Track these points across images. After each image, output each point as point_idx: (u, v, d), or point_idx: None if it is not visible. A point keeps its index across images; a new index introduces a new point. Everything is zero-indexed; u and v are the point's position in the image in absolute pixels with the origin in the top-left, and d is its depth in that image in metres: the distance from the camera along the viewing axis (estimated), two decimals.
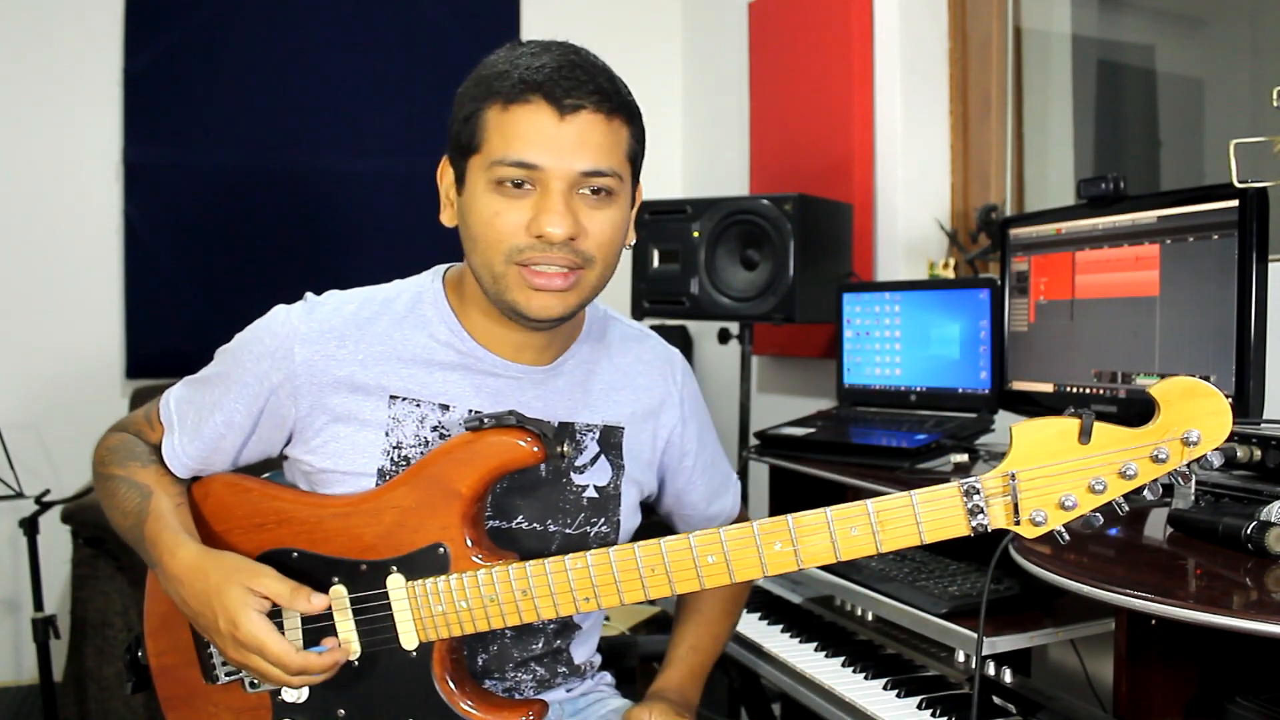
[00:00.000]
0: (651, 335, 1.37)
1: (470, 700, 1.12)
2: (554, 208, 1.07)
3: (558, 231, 1.07)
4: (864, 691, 1.48)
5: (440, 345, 1.20)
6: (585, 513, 1.24)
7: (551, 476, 1.22)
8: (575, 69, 1.08)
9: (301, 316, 1.18)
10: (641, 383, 1.31)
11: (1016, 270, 1.81)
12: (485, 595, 1.09)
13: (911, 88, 2.70)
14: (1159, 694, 1.21)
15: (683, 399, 1.34)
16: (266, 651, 1.05)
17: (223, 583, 1.07)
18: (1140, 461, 0.92)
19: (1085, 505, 0.95)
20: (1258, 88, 2.23)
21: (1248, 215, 1.38)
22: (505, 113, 1.07)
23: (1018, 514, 0.96)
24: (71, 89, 3.13)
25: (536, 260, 1.09)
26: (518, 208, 1.08)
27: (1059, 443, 0.95)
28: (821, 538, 1.00)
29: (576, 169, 1.08)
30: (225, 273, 3.25)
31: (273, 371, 1.16)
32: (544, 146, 1.06)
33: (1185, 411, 0.91)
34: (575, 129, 1.07)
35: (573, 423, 1.24)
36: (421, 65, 3.44)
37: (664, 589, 1.05)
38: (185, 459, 1.21)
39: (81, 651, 2.51)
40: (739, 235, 2.40)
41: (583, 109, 1.07)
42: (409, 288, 1.24)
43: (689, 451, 1.36)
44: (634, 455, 1.29)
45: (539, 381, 1.22)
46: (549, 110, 1.06)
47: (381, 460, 1.16)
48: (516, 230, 1.08)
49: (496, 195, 1.09)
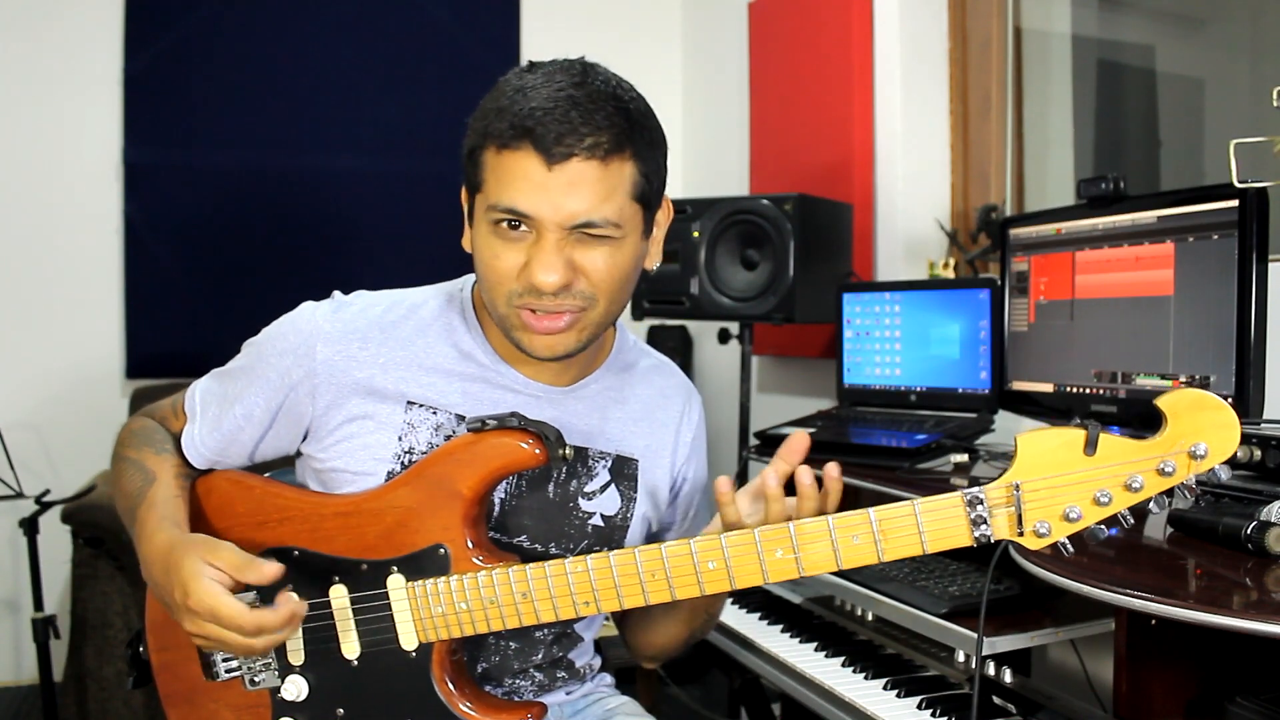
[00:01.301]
0: (677, 371, 1.36)
1: (469, 701, 1.12)
2: (544, 259, 1.05)
3: (549, 280, 1.05)
4: (864, 691, 1.48)
5: (462, 356, 1.19)
6: (589, 540, 1.23)
7: (559, 499, 1.22)
8: (573, 108, 1.03)
9: (327, 315, 1.18)
10: (660, 417, 1.30)
11: (1016, 270, 1.81)
12: (485, 597, 1.09)
13: (911, 88, 2.70)
14: (1159, 694, 1.21)
15: (694, 437, 1.34)
16: (219, 615, 1.01)
17: (181, 557, 1.04)
18: (1146, 474, 0.91)
19: (1090, 518, 0.94)
20: (1258, 88, 2.23)
21: (1248, 215, 1.38)
22: (499, 156, 1.05)
23: (1021, 525, 0.95)
24: (71, 89, 3.13)
25: (534, 305, 1.08)
26: (515, 250, 1.07)
27: (1064, 453, 0.94)
28: (823, 545, 1.00)
29: (569, 217, 1.05)
30: (225, 273, 3.25)
31: (294, 368, 1.16)
32: (533, 195, 1.04)
33: (1193, 424, 0.90)
34: (564, 178, 1.03)
35: (586, 448, 1.23)
36: (422, 65, 3.43)
37: (664, 594, 1.05)
38: (203, 449, 1.21)
39: (81, 651, 2.51)
40: (739, 235, 2.40)
41: (573, 157, 1.03)
42: (437, 295, 1.24)
43: (687, 479, 1.36)
44: (648, 489, 1.28)
45: (556, 402, 1.22)
46: (536, 159, 1.03)
47: (392, 464, 1.16)
48: (513, 273, 1.08)
49: (495, 237, 1.08)
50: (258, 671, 1.16)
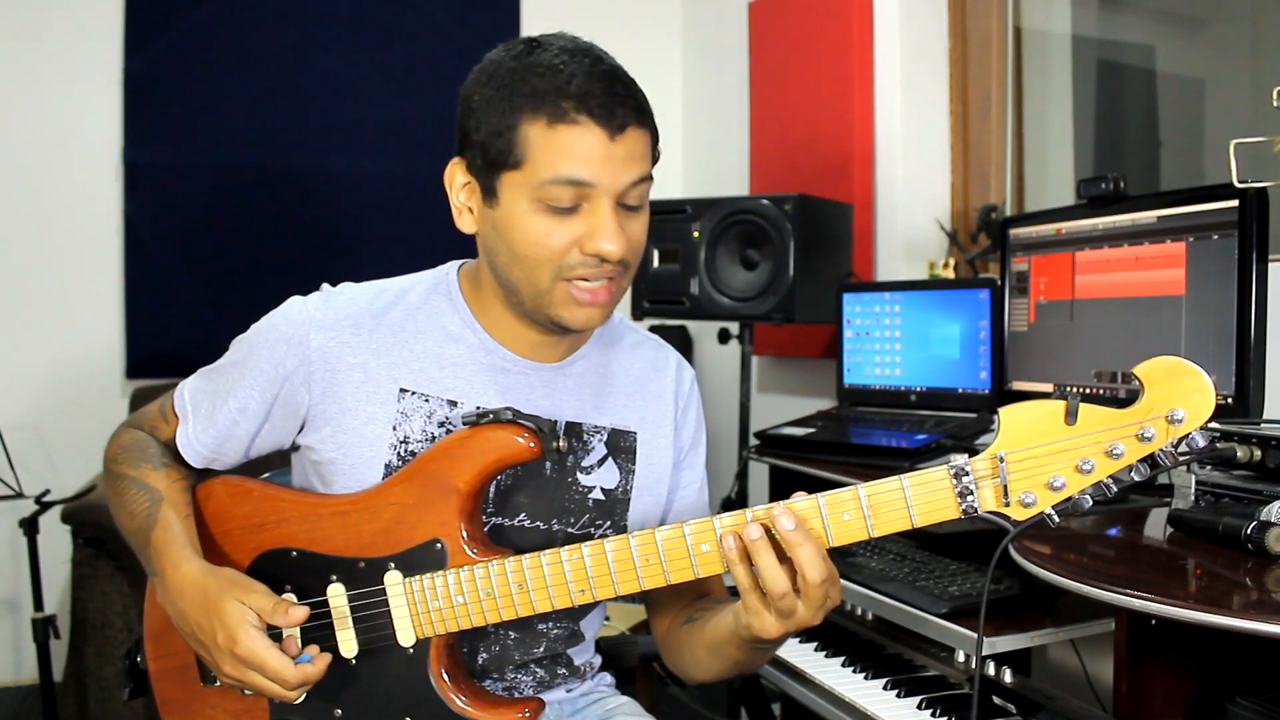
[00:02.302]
0: (664, 344, 1.37)
1: (466, 697, 1.12)
2: (608, 227, 1.08)
3: (614, 250, 1.08)
4: (864, 691, 1.48)
5: (451, 339, 1.20)
6: (590, 513, 1.24)
7: (557, 475, 1.22)
8: (615, 83, 1.08)
9: (318, 305, 1.18)
10: (653, 389, 1.31)
11: (1016, 270, 1.81)
12: (482, 590, 1.09)
13: (911, 88, 2.70)
14: (1159, 694, 1.21)
15: (688, 406, 1.35)
16: (266, 668, 1.04)
17: (220, 600, 1.06)
18: (1126, 440, 0.92)
19: (1074, 486, 0.95)
20: (1258, 88, 2.23)
21: (1248, 215, 1.38)
22: (553, 131, 1.06)
23: (1007, 496, 0.96)
24: (71, 89, 3.13)
25: (587, 275, 1.10)
26: (567, 226, 1.09)
27: (1046, 424, 0.95)
28: (814, 524, 1.00)
29: (624, 184, 1.09)
30: (225, 273, 3.25)
31: (288, 358, 1.16)
32: (599, 167, 1.06)
33: (1169, 390, 0.91)
34: (624, 147, 1.08)
35: (580, 423, 1.24)
36: (422, 64, 3.44)
37: (658, 579, 1.05)
38: (199, 447, 1.21)
39: (81, 651, 2.51)
40: (739, 235, 2.40)
41: (629, 126, 1.08)
42: (424, 280, 1.24)
43: (691, 447, 1.36)
44: (650, 460, 1.29)
45: (548, 379, 1.22)
46: (600, 131, 1.06)
47: (389, 455, 1.16)
48: (567, 248, 1.09)
49: (544, 215, 1.09)
50: None
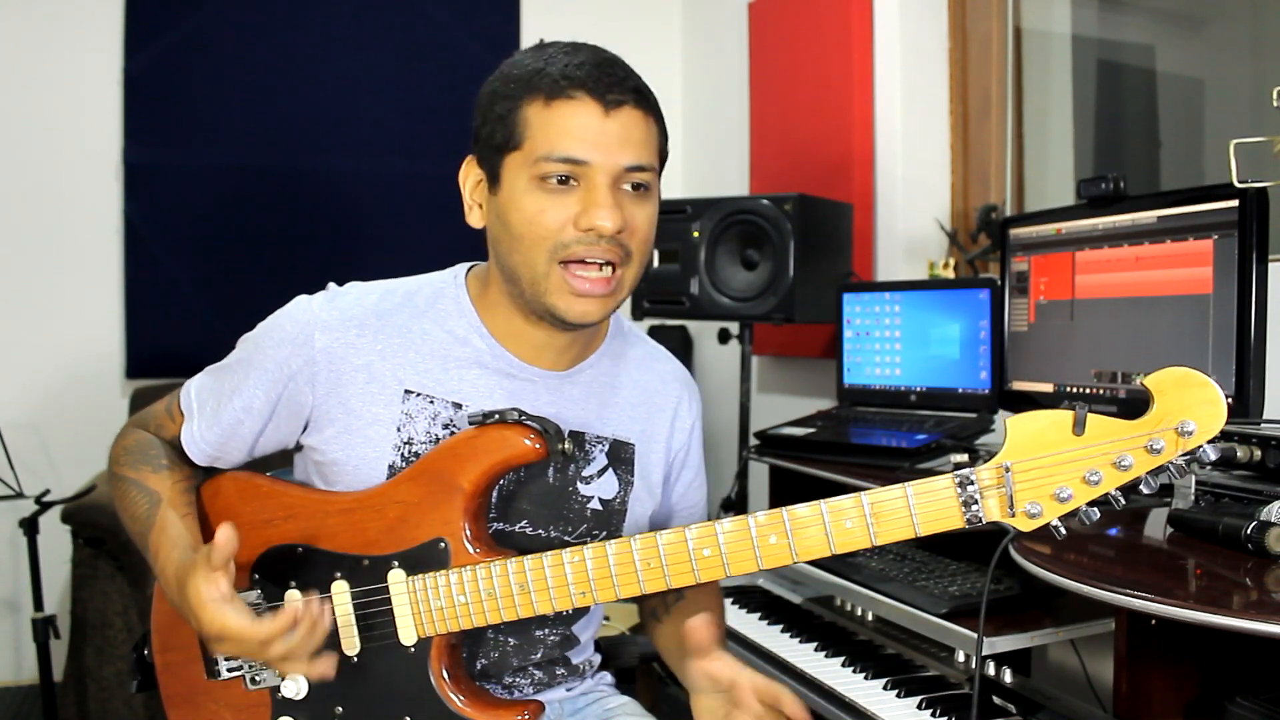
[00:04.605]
0: (671, 357, 1.37)
1: (466, 697, 1.12)
2: (603, 201, 1.08)
3: (608, 224, 1.08)
4: (864, 691, 1.48)
5: (458, 341, 1.20)
6: (588, 523, 1.24)
7: (559, 484, 1.22)
8: (613, 67, 1.10)
9: (323, 304, 1.18)
10: (657, 402, 1.31)
11: (1016, 270, 1.81)
12: (484, 590, 1.09)
13: (911, 88, 2.70)
14: (1159, 694, 1.21)
15: (692, 425, 1.35)
16: (229, 634, 1.01)
17: (185, 585, 1.04)
18: (1135, 452, 0.91)
19: (1080, 498, 0.94)
20: (1258, 88, 2.23)
21: (1248, 215, 1.38)
22: (549, 108, 1.08)
23: (1012, 506, 0.95)
24: (71, 89, 3.13)
25: (582, 255, 1.10)
26: (563, 203, 1.09)
27: (1053, 434, 0.94)
28: (816, 530, 1.00)
29: (621, 164, 1.09)
30: (225, 273, 3.25)
31: (293, 357, 1.16)
32: (591, 142, 1.08)
33: (1180, 401, 0.90)
34: (619, 124, 1.09)
35: (583, 432, 1.24)
36: (422, 65, 3.44)
37: (659, 583, 1.05)
38: (203, 444, 1.21)
39: (81, 651, 2.50)
40: (739, 235, 2.40)
41: (625, 104, 1.09)
42: (431, 282, 1.24)
43: (689, 466, 1.36)
44: (645, 473, 1.29)
45: (554, 387, 1.22)
46: (594, 105, 1.08)
47: (392, 456, 1.16)
48: (563, 225, 1.09)
49: (540, 192, 1.09)
50: (259, 670, 1.16)
